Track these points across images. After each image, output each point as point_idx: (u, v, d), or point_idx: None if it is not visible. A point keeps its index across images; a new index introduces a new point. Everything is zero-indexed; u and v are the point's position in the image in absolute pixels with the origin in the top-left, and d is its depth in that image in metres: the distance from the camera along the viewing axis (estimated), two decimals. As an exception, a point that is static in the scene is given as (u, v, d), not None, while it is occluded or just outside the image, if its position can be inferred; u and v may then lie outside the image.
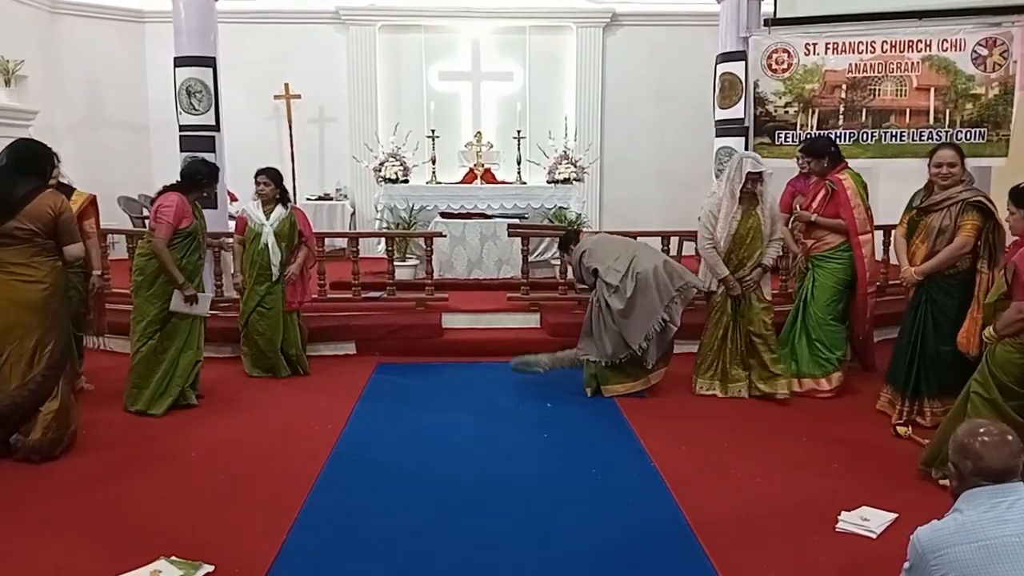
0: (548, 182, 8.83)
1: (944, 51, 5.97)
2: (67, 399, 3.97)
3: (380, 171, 8.70)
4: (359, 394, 5.10)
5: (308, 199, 9.84)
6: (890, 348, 4.79)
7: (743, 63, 6.49)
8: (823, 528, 3.20)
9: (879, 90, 6.17)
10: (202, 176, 4.82)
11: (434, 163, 9.19)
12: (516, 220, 7.77)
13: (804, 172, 5.57)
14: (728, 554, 3.00)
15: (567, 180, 8.67)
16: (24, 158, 3.88)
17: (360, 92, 10.02)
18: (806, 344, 5.09)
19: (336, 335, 6.10)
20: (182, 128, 6.39)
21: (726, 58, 6.65)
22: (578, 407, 4.90)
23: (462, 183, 9.15)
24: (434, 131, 9.17)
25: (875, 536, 3.13)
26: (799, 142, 6.19)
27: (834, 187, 5.02)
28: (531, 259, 6.87)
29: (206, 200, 5.18)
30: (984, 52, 5.86)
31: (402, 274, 7.29)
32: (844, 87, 6.24)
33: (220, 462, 3.92)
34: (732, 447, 4.18)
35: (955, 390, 3.77)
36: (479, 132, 9.55)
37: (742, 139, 6.59)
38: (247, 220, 5.44)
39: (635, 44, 10.11)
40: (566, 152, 8.89)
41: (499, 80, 10.10)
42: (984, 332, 3.59)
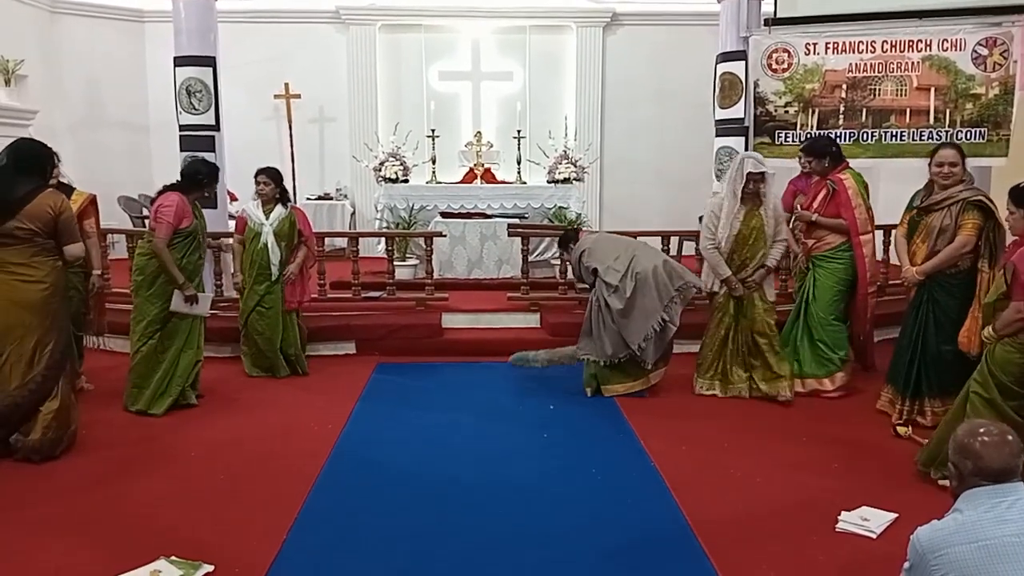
0: (548, 182, 8.83)
1: (944, 51, 5.97)
2: (67, 399, 3.97)
3: (380, 171, 8.71)
4: (359, 394, 5.10)
5: (308, 199, 9.84)
6: (890, 348, 4.79)
7: (743, 63, 6.49)
8: (823, 528, 3.20)
9: (879, 90, 6.16)
10: (202, 176, 4.83)
11: (434, 163, 9.19)
12: (516, 220, 7.77)
13: (806, 171, 5.57)
14: (728, 554, 3.00)
15: (567, 180, 8.68)
16: (24, 158, 3.87)
17: (360, 92, 10.01)
18: (808, 344, 5.09)
19: (336, 335, 6.10)
20: (182, 128, 6.39)
21: (726, 58, 6.65)
22: (578, 407, 4.90)
23: (462, 183, 9.15)
24: (434, 131, 9.18)
25: (875, 536, 3.13)
26: (799, 142, 6.20)
27: (835, 187, 5.01)
28: (531, 259, 6.87)
29: (206, 200, 5.18)
30: (984, 52, 5.86)
31: (402, 274, 7.29)
32: (844, 87, 6.23)
33: (220, 462, 3.93)
34: (732, 447, 4.18)
35: (956, 390, 3.77)
36: (479, 132, 9.56)
37: (742, 139, 6.58)
38: (247, 220, 5.44)
39: (635, 44, 10.10)
40: (566, 152, 8.89)
41: (499, 80, 10.09)
42: (983, 332, 3.59)
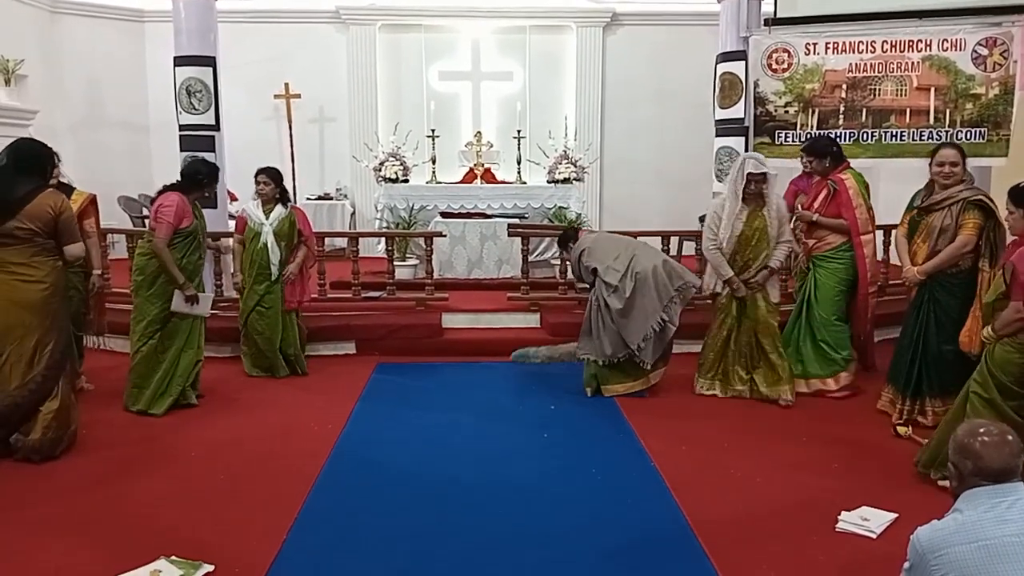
0: (548, 182, 8.84)
1: (944, 51, 5.96)
2: (67, 399, 3.97)
3: (380, 171, 8.71)
4: (359, 394, 5.10)
5: (308, 199, 9.84)
6: (890, 348, 4.78)
7: (743, 63, 6.48)
8: (823, 528, 3.20)
9: (879, 90, 6.16)
10: (202, 176, 4.83)
11: (434, 163, 9.19)
12: (516, 220, 7.77)
13: (807, 171, 5.57)
14: (728, 554, 3.00)
15: (567, 180, 8.68)
16: (24, 158, 3.87)
17: (360, 92, 10.01)
18: (811, 345, 5.08)
19: (336, 335, 6.10)
20: (182, 128, 6.39)
21: (726, 58, 6.65)
22: (578, 407, 4.89)
23: (462, 183, 9.15)
24: (434, 131, 9.17)
25: (875, 536, 3.13)
26: (799, 142, 6.20)
27: (836, 187, 5.01)
28: (531, 259, 6.88)
29: (206, 200, 5.18)
30: (984, 52, 5.85)
31: (402, 274, 7.29)
32: (844, 87, 6.23)
33: (220, 462, 3.93)
34: (732, 447, 4.18)
35: (957, 389, 3.76)
36: (479, 132, 9.56)
37: (742, 139, 6.58)
38: (247, 219, 5.45)
39: (635, 44, 10.10)
40: (566, 152, 8.89)
41: (499, 80, 10.09)
42: (982, 332, 3.59)
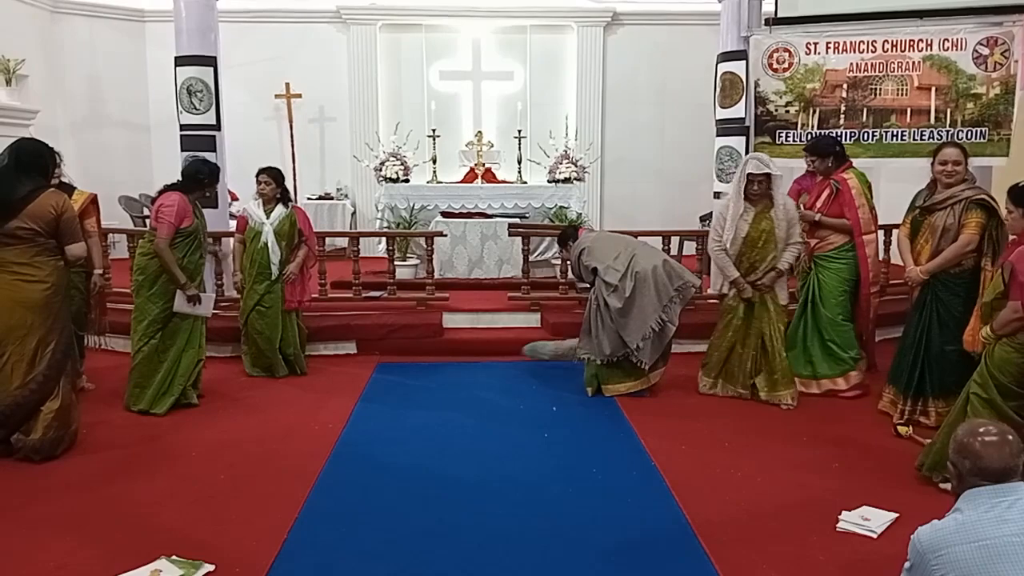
0: (549, 181, 8.85)
1: (945, 50, 5.96)
2: (68, 399, 3.97)
3: (381, 170, 8.72)
4: (359, 394, 5.10)
5: (309, 198, 9.84)
6: (891, 347, 4.78)
7: (744, 62, 6.48)
8: (823, 528, 3.20)
9: (880, 89, 6.15)
10: (203, 176, 4.84)
11: (435, 162, 9.19)
12: (517, 219, 7.77)
13: (810, 171, 5.57)
14: (728, 554, 3.00)
15: (568, 179, 8.69)
16: (26, 158, 3.87)
17: (361, 91, 10.00)
18: (820, 345, 5.07)
19: (336, 335, 6.10)
20: (183, 127, 6.39)
21: (727, 57, 6.65)
22: (578, 407, 4.90)
23: (463, 183, 9.16)
24: (435, 130, 9.18)
25: (875, 536, 3.13)
26: (800, 142, 6.20)
27: (839, 186, 5.01)
28: (532, 259, 6.88)
29: (207, 200, 5.19)
30: (985, 51, 5.85)
31: (403, 273, 7.30)
32: (845, 86, 6.22)
33: (221, 461, 3.93)
34: (733, 447, 4.18)
35: (959, 389, 3.74)
36: (480, 131, 9.57)
37: (743, 138, 6.58)
38: (248, 219, 5.45)
39: (636, 43, 10.10)
40: (567, 151, 8.91)
41: (500, 79, 10.08)
42: (981, 332, 3.57)
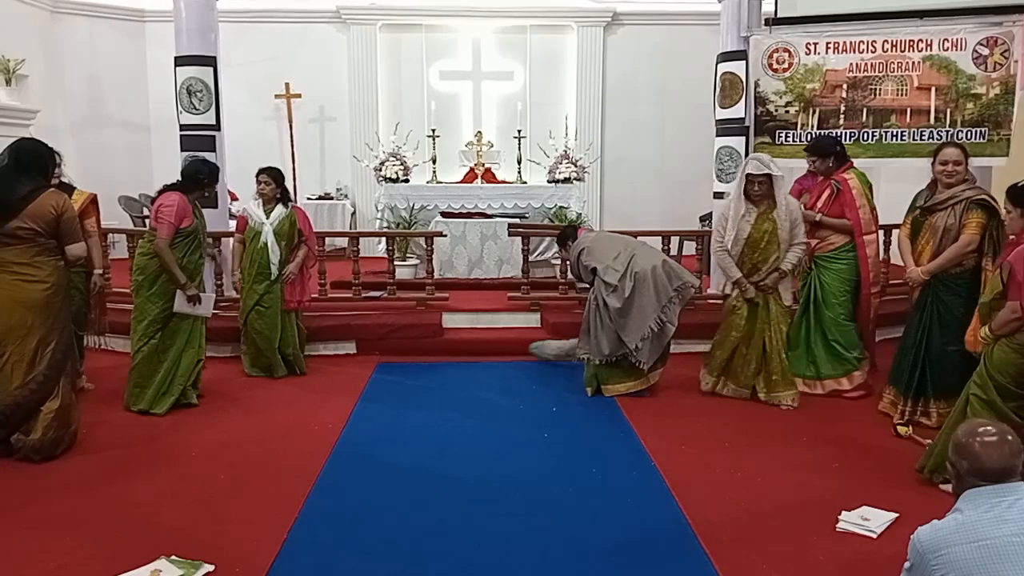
0: (548, 181, 8.85)
1: (945, 51, 5.95)
2: (68, 398, 3.97)
3: (380, 170, 8.72)
4: (359, 394, 5.10)
5: (309, 199, 9.84)
6: (891, 347, 4.78)
7: (744, 62, 6.47)
8: (823, 528, 3.20)
9: (880, 90, 6.15)
10: (203, 176, 4.84)
11: (435, 162, 9.19)
12: (516, 220, 7.77)
13: (811, 171, 5.57)
14: (728, 554, 3.00)
15: (567, 179, 8.69)
16: (26, 158, 3.87)
17: (361, 91, 10.00)
18: (823, 345, 5.07)
19: (336, 335, 6.10)
20: (183, 127, 6.39)
21: (727, 57, 6.64)
22: (578, 407, 4.90)
23: (462, 183, 9.16)
24: (434, 130, 9.18)
25: (875, 536, 3.13)
26: (800, 142, 6.20)
27: (839, 186, 5.01)
28: (531, 259, 6.88)
29: (206, 200, 5.19)
30: (985, 51, 5.84)
31: (402, 274, 7.30)
32: (845, 87, 6.22)
33: (220, 461, 3.93)
34: (733, 447, 4.18)
35: (960, 390, 3.72)
36: (479, 131, 9.57)
37: (743, 139, 6.57)
38: (248, 219, 5.45)
39: (636, 43, 10.10)
40: (566, 151, 8.91)
41: (500, 79, 10.08)
42: (980, 332, 3.56)
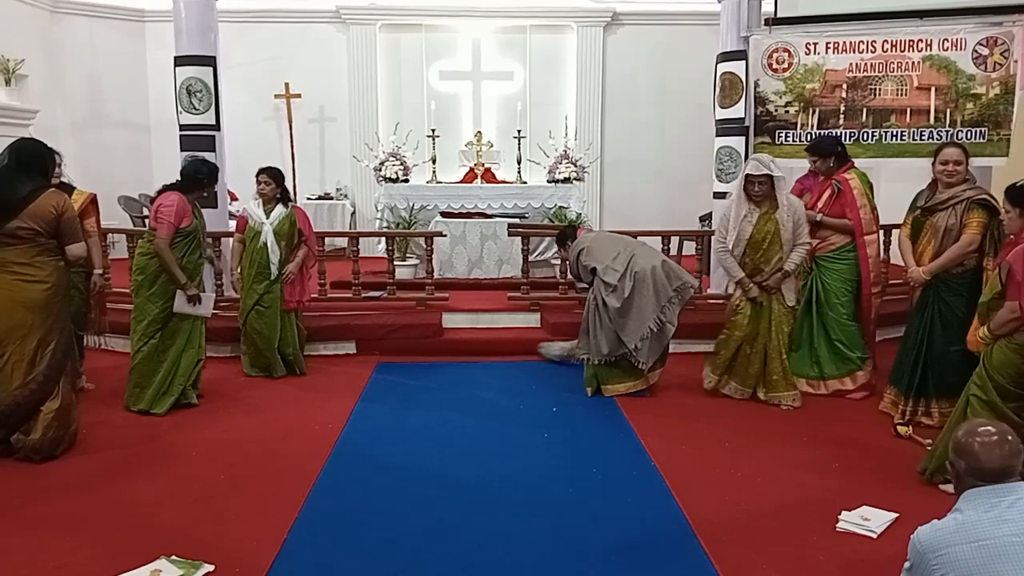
0: (548, 181, 8.85)
1: (945, 51, 5.96)
2: (68, 398, 3.97)
3: (380, 170, 8.72)
4: (359, 394, 5.10)
5: (308, 198, 9.84)
6: (892, 347, 4.77)
7: (743, 62, 6.48)
8: (823, 528, 3.20)
9: (879, 90, 6.15)
10: (202, 176, 4.83)
11: (434, 162, 9.19)
12: (516, 219, 7.77)
13: (813, 170, 5.57)
14: (728, 554, 3.00)
15: (567, 179, 8.69)
16: (26, 158, 3.87)
17: (360, 92, 10.00)
18: (827, 345, 5.06)
19: (336, 335, 6.09)
20: (182, 127, 6.39)
21: (726, 57, 6.65)
22: (578, 407, 4.90)
23: (462, 182, 9.16)
24: (434, 130, 9.18)
25: (875, 536, 3.13)
26: (800, 142, 6.20)
27: (840, 186, 5.01)
28: (531, 259, 6.88)
29: (206, 200, 5.19)
30: (985, 51, 5.85)
31: (402, 273, 7.29)
32: (844, 86, 6.23)
33: (221, 461, 3.92)
34: (733, 447, 4.18)
35: (962, 390, 3.72)
36: (479, 131, 9.57)
37: (742, 139, 6.58)
38: (247, 219, 5.45)
39: (636, 43, 10.10)
40: (566, 151, 8.91)
41: (499, 79, 10.08)
42: (979, 332, 3.56)
